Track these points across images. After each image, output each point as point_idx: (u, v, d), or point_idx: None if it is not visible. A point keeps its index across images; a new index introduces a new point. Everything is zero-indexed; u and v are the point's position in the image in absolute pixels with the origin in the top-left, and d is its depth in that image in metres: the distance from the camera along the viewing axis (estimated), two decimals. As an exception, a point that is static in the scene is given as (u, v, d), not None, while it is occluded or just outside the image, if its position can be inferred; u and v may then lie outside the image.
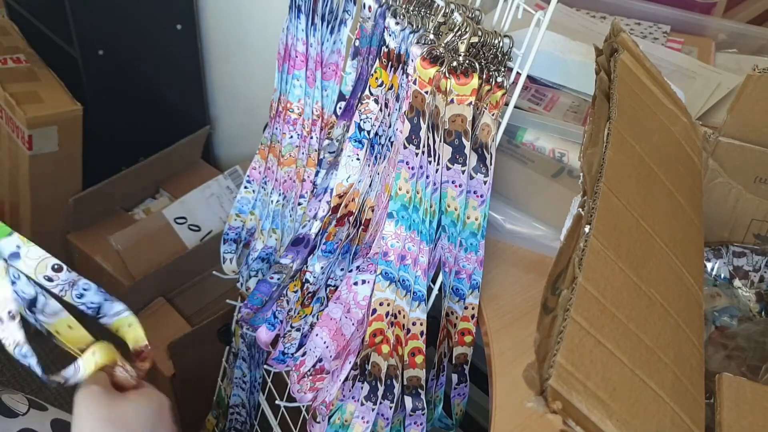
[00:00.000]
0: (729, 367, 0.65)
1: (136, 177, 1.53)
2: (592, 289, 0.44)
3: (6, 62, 1.52)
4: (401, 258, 0.68)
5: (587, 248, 0.46)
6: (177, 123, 1.62)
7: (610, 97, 0.57)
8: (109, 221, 1.49)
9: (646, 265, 0.50)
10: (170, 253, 1.36)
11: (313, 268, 0.75)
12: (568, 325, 0.41)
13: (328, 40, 0.79)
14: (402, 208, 0.67)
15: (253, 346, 1.01)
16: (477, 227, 0.68)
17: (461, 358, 0.74)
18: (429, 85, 0.61)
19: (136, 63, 1.52)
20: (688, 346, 0.50)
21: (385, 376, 0.69)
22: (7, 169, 1.54)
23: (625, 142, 0.55)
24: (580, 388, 0.39)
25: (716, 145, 0.73)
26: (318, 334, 0.72)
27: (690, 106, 0.79)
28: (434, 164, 0.64)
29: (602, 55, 0.61)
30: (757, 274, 0.75)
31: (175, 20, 1.52)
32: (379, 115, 0.71)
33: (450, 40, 0.62)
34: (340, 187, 0.74)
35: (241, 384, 1.07)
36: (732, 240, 0.77)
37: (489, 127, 0.63)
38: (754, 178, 0.73)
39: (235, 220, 0.94)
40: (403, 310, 0.69)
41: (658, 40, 1.05)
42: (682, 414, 0.45)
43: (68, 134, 1.45)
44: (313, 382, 0.74)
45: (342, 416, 0.72)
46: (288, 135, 0.85)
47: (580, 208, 0.48)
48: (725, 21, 1.08)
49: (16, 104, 1.40)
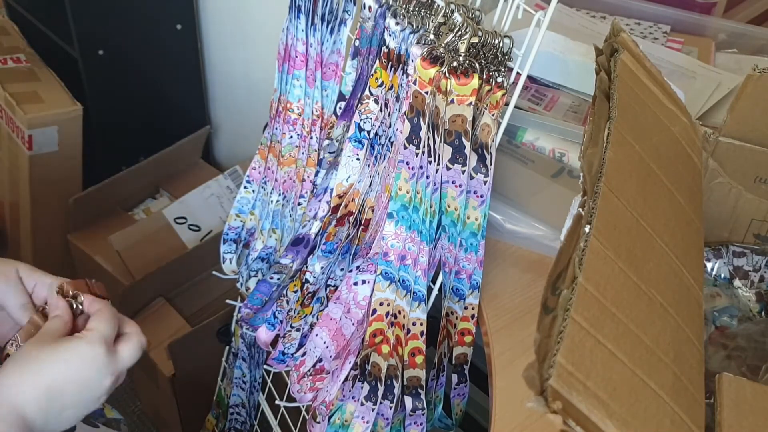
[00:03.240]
0: (729, 367, 0.65)
1: (136, 177, 1.53)
2: (592, 289, 0.44)
3: (6, 62, 1.52)
4: (401, 258, 0.68)
5: (587, 248, 0.46)
6: (177, 123, 1.62)
7: (610, 97, 0.57)
8: (109, 221, 1.49)
9: (646, 265, 0.50)
10: (170, 253, 1.36)
11: (313, 268, 0.75)
12: (568, 325, 0.41)
13: (328, 40, 0.79)
14: (402, 208, 0.67)
15: (253, 346, 1.01)
16: (477, 227, 0.68)
17: (461, 358, 0.74)
18: (429, 85, 0.61)
19: (136, 63, 1.52)
20: (688, 346, 0.50)
21: (385, 376, 0.69)
22: (7, 169, 1.54)
23: (625, 142, 0.55)
24: (580, 388, 0.39)
25: (716, 145, 0.73)
26: (318, 334, 0.72)
27: (690, 106, 0.79)
28: (434, 164, 0.64)
29: (602, 55, 0.61)
30: (757, 274, 0.75)
31: (175, 20, 1.52)
32: (379, 116, 0.71)
33: (450, 41, 0.62)
34: (340, 187, 0.74)
35: (241, 384, 1.07)
36: (732, 240, 0.77)
37: (489, 127, 0.63)
38: (754, 178, 0.73)
39: (234, 220, 0.94)
40: (403, 310, 0.69)
41: (658, 40, 1.05)
42: (682, 414, 0.45)
43: (68, 134, 1.45)
44: (313, 382, 0.74)
45: (342, 416, 0.72)
46: (288, 135, 0.85)
47: (580, 208, 0.48)
48: (725, 21, 1.08)
49: (16, 104, 1.40)
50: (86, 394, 0.57)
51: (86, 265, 1.44)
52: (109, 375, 0.58)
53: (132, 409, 1.51)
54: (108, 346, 0.58)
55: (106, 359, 0.57)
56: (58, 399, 0.55)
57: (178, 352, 1.21)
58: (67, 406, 0.56)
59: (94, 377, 0.57)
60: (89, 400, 0.58)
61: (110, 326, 0.59)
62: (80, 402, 0.57)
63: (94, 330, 0.58)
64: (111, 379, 0.58)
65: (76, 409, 0.57)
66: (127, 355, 0.60)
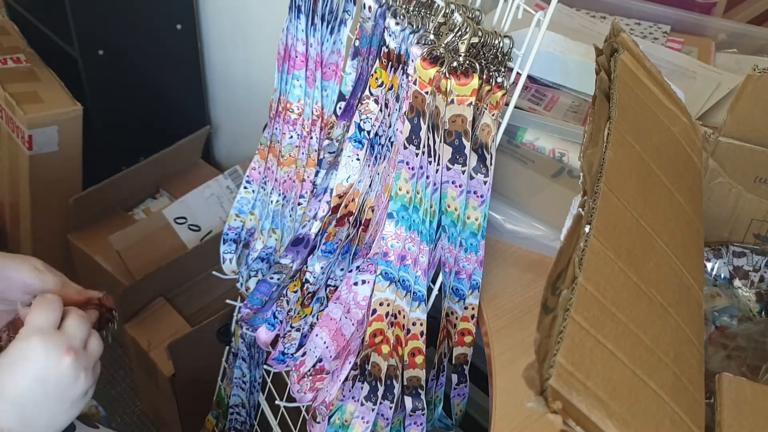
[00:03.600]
0: (729, 367, 0.65)
1: (136, 177, 1.53)
2: (592, 289, 0.44)
3: (6, 62, 1.52)
4: (401, 258, 0.68)
5: (587, 248, 0.46)
6: (177, 123, 1.62)
7: (610, 97, 0.57)
8: (109, 221, 1.49)
9: (646, 265, 0.50)
10: (170, 253, 1.36)
11: (313, 269, 0.75)
12: (568, 325, 0.41)
13: (328, 40, 0.79)
14: (402, 209, 0.67)
15: (253, 346, 1.01)
16: (477, 227, 0.68)
17: (461, 358, 0.74)
18: (429, 85, 0.61)
19: (136, 63, 1.52)
20: (688, 346, 0.50)
21: (385, 376, 0.69)
22: (7, 169, 1.54)
23: (625, 142, 0.55)
24: (581, 388, 0.39)
25: (716, 145, 0.73)
26: (318, 335, 0.72)
27: (690, 106, 0.79)
28: (434, 164, 0.64)
29: (602, 55, 0.61)
30: (757, 274, 0.75)
31: (175, 20, 1.52)
32: (379, 116, 0.71)
33: (450, 41, 0.62)
34: (340, 188, 0.74)
35: (240, 384, 1.07)
36: (732, 240, 0.77)
37: (489, 127, 0.63)
38: (754, 178, 0.73)
39: (234, 221, 0.94)
40: (403, 310, 0.69)
41: (658, 40, 1.05)
42: (682, 414, 0.45)
43: (68, 134, 1.45)
44: (313, 382, 0.74)
45: (342, 416, 0.72)
46: (288, 135, 0.85)
47: (580, 208, 0.48)
48: (725, 21, 1.08)
49: (16, 104, 1.40)
50: (52, 384, 0.56)
51: (86, 265, 1.44)
52: (62, 354, 0.57)
53: (132, 409, 1.51)
54: (42, 332, 0.57)
55: (48, 343, 0.57)
56: (27, 406, 0.55)
57: (178, 352, 1.21)
58: (42, 403, 0.56)
59: (47, 366, 0.56)
60: (63, 389, 0.57)
61: (42, 316, 0.58)
62: (54, 395, 0.57)
63: (26, 325, 0.58)
64: (68, 356, 0.57)
65: (54, 401, 0.57)
66: (71, 328, 0.59)
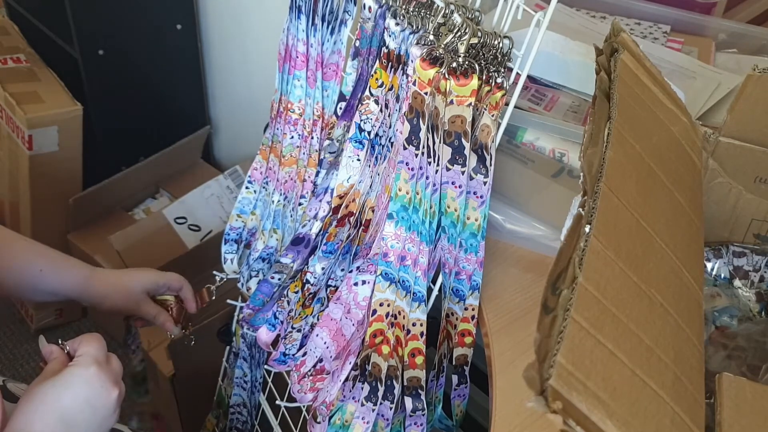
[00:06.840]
0: (729, 367, 0.65)
1: (136, 177, 1.53)
2: (592, 289, 0.44)
3: (6, 62, 1.52)
4: (401, 259, 0.68)
5: (587, 248, 0.46)
6: (177, 123, 1.62)
7: (611, 97, 0.57)
8: (109, 221, 1.49)
9: (646, 265, 0.50)
10: (170, 253, 1.36)
11: (314, 269, 0.76)
12: (569, 325, 0.41)
13: (328, 40, 0.79)
14: (402, 209, 0.67)
15: (254, 345, 1.02)
16: (477, 228, 0.68)
17: (461, 359, 0.74)
18: (428, 86, 0.61)
19: (136, 63, 1.52)
20: (688, 346, 0.50)
21: (386, 376, 0.69)
22: (7, 169, 1.54)
23: (625, 142, 0.55)
24: (581, 388, 0.39)
25: (716, 145, 0.73)
26: (318, 335, 0.72)
27: (690, 106, 0.79)
28: (434, 165, 0.64)
29: (602, 55, 0.61)
30: (757, 274, 0.75)
31: (175, 20, 1.52)
32: (379, 116, 0.71)
33: (450, 41, 0.62)
34: (341, 188, 0.74)
35: (241, 384, 1.07)
36: (732, 240, 0.77)
37: (489, 127, 0.63)
38: (754, 178, 0.73)
39: (236, 221, 0.94)
40: (403, 310, 0.69)
41: (658, 40, 1.05)
42: (682, 414, 0.45)
43: (68, 134, 1.45)
44: (313, 383, 0.74)
45: (342, 416, 0.72)
46: (289, 135, 0.85)
47: (580, 207, 0.48)
48: (725, 21, 1.08)
49: (16, 104, 1.40)
50: (100, 410, 0.63)
51: (86, 265, 1.44)
52: (111, 387, 0.64)
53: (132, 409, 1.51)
54: (99, 363, 0.64)
55: (103, 375, 0.64)
56: (73, 424, 0.61)
57: (178, 352, 1.21)
58: (83, 426, 0.62)
59: (100, 393, 0.63)
60: (104, 416, 0.64)
61: (95, 347, 0.66)
62: (95, 419, 0.63)
63: (83, 354, 0.65)
64: (116, 390, 0.65)
65: (94, 426, 0.64)
66: (116, 365, 0.68)
